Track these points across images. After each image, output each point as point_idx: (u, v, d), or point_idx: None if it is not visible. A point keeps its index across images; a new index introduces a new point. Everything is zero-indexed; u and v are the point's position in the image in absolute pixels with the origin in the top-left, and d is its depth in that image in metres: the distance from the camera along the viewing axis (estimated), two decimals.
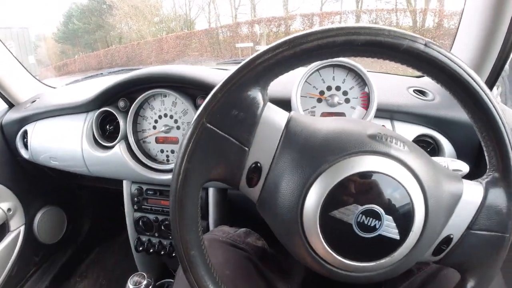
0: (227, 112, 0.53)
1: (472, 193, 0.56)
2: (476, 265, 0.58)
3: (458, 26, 1.08)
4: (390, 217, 0.50)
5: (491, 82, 1.04)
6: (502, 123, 0.52)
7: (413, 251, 0.53)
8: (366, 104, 0.95)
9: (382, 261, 0.53)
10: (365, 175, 0.50)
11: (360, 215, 0.50)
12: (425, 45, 0.49)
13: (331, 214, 0.51)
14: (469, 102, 0.52)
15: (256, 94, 0.54)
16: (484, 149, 0.56)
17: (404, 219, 0.51)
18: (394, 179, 0.50)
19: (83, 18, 17.99)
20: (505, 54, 0.97)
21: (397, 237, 0.51)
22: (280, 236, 0.59)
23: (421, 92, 1.08)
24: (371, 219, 0.50)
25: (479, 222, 0.55)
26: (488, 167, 0.57)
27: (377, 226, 0.50)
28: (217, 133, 0.53)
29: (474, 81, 0.50)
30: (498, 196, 0.55)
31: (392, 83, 1.17)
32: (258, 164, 0.56)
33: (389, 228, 0.51)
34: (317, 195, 0.51)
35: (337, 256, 0.53)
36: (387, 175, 0.50)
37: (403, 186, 0.50)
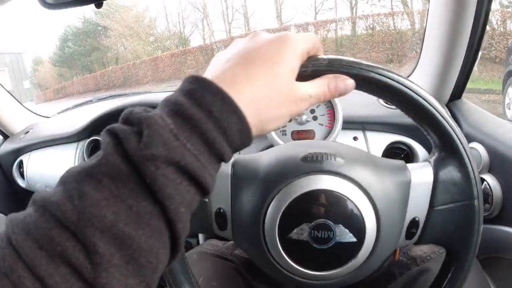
0: None
1: (422, 174, 0.58)
2: (455, 237, 0.59)
3: (420, 53, 1.14)
4: (340, 225, 0.54)
5: (457, 94, 1.10)
6: (430, 103, 0.53)
7: (378, 247, 0.56)
8: (333, 120, 1.02)
9: (350, 263, 0.56)
10: (307, 195, 0.55)
11: (313, 231, 0.55)
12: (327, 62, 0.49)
13: (288, 237, 0.56)
14: (394, 98, 0.54)
15: None
16: (425, 133, 0.58)
17: (353, 222, 0.55)
18: (333, 191, 0.55)
19: (78, 41, 18.05)
20: (468, 66, 1.02)
21: (354, 239, 0.55)
22: (257, 262, 0.65)
23: None
24: (323, 231, 0.54)
25: (439, 198, 0.57)
26: (433, 146, 0.60)
27: (331, 236, 0.54)
28: None
29: (391, 78, 0.51)
30: (449, 169, 0.57)
31: (363, 95, 1.19)
32: (221, 210, 0.60)
33: (343, 234, 0.54)
34: (272, 222, 0.56)
35: (306, 270, 0.57)
36: (325, 190, 0.55)
37: (342, 195, 0.54)
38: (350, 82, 0.49)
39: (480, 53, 1.01)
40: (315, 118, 1.03)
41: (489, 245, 0.64)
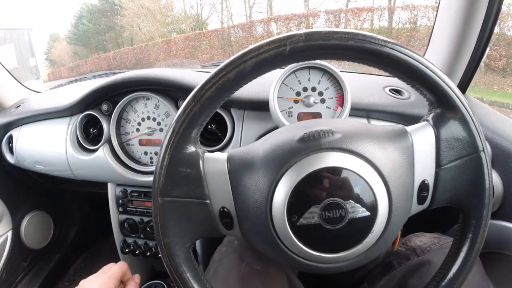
0: (175, 179, 0.59)
1: (423, 135, 0.59)
2: (467, 194, 0.60)
3: (432, 31, 1.12)
4: (350, 201, 0.54)
5: (463, 87, 1.08)
6: (416, 59, 0.54)
7: (392, 216, 0.56)
8: (341, 104, 0.99)
9: (367, 239, 0.56)
10: (310, 176, 0.54)
11: (323, 212, 0.54)
12: (304, 37, 0.53)
13: (299, 223, 0.55)
14: (381, 62, 0.55)
15: (191, 150, 0.60)
16: (419, 93, 0.60)
17: (363, 196, 0.54)
18: (336, 167, 0.54)
19: (93, 19, 18.31)
20: (478, 55, 1.01)
21: (367, 213, 0.54)
22: (271, 256, 0.64)
23: (397, 91, 1.12)
24: (334, 211, 0.53)
25: (444, 157, 0.59)
26: (428, 105, 0.62)
27: (343, 214, 0.54)
28: (177, 201, 0.59)
29: (373, 42, 0.53)
30: (449, 125, 0.58)
31: (369, 82, 1.21)
32: (225, 209, 0.60)
33: (355, 210, 0.54)
34: (279, 211, 0.55)
35: (323, 254, 0.57)
36: (328, 167, 0.54)
37: (347, 169, 0.54)
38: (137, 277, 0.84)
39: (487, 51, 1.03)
40: (323, 101, 1.01)
41: (487, 240, 0.63)
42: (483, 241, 0.61)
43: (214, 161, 0.61)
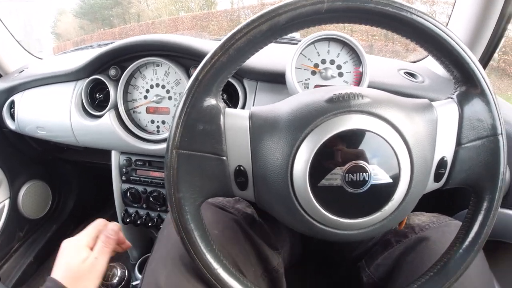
0: (193, 132, 0.59)
1: (447, 112, 0.61)
2: (482, 174, 0.62)
3: (454, 4, 1.12)
4: (375, 165, 0.55)
5: (484, 61, 1.09)
6: (450, 37, 0.55)
7: (412, 187, 0.58)
8: (359, 80, 0.99)
9: (386, 207, 0.57)
10: (337, 137, 0.55)
11: (347, 174, 0.55)
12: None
13: (320, 184, 0.55)
14: (412, 32, 0.57)
15: (212, 104, 0.60)
16: (446, 69, 0.61)
17: (388, 162, 0.55)
18: (365, 130, 0.55)
19: None
20: (498, 34, 1.03)
21: (390, 180, 0.56)
22: (284, 220, 0.65)
23: (411, 75, 1.13)
24: (358, 174, 0.55)
25: (465, 135, 0.61)
26: (454, 82, 0.63)
27: (366, 178, 0.55)
28: (192, 155, 0.59)
29: (408, 11, 0.54)
30: (473, 104, 0.60)
31: (384, 64, 1.22)
32: (241, 168, 0.61)
33: (378, 175, 0.55)
34: (301, 171, 0.56)
35: (341, 219, 0.58)
36: (357, 129, 0.55)
37: (375, 134, 0.55)
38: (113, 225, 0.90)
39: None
40: (340, 74, 1.01)
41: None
42: (493, 224, 0.62)
43: (236, 117, 0.61)
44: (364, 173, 0.54)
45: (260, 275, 0.84)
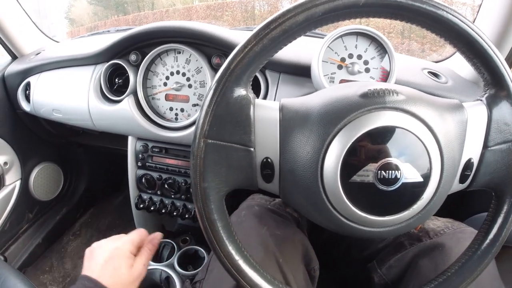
0: (222, 121, 0.58)
1: (477, 114, 0.62)
2: (505, 178, 0.63)
3: (481, 5, 1.12)
4: (408, 164, 0.55)
5: (509, 63, 1.08)
6: (483, 39, 0.56)
7: (440, 187, 0.58)
8: (385, 77, 0.99)
9: (415, 206, 0.58)
10: (372, 133, 0.55)
11: (379, 171, 0.55)
12: None
13: (351, 180, 0.56)
14: (447, 32, 0.57)
15: (242, 94, 0.59)
16: (477, 71, 0.62)
17: (420, 161, 0.56)
18: (399, 127, 0.55)
19: None
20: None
21: (421, 179, 0.56)
22: (309, 215, 0.66)
23: (435, 75, 1.13)
24: (390, 171, 0.55)
25: (492, 138, 0.61)
26: (483, 85, 0.64)
27: (398, 176, 0.55)
28: (220, 145, 0.59)
29: (445, 10, 0.54)
30: (501, 107, 0.61)
31: (408, 62, 1.22)
32: (269, 160, 0.61)
33: (410, 174, 0.56)
34: (332, 166, 0.56)
35: (371, 216, 0.58)
36: (391, 126, 0.55)
37: (410, 132, 0.55)
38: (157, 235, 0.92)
39: None
40: (367, 70, 1.00)
41: None
42: (511, 228, 0.64)
43: (266, 108, 0.61)
44: (396, 171, 0.55)
45: (303, 273, 0.87)
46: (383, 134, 0.55)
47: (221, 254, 0.61)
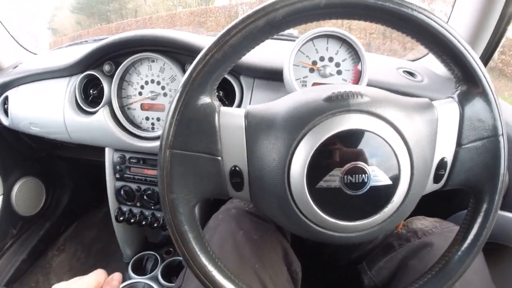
0: (187, 131, 0.57)
1: (447, 111, 0.60)
2: (481, 176, 0.62)
3: (454, 3, 1.12)
4: (375, 167, 0.54)
5: (484, 60, 1.09)
6: (451, 33, 0.55)
7: (412, 189, 0.57)
8: (357, 78, 0.98)
9: (385, 209, 0.56)
10: (336, 137, 0.54)
11: (345, 176, 0.54)
12: None
13: (318, 186, 0.54)
14: (414, 30, 0.56)
15: (207, 102, 0.59)
16: (447, 68, 0.61)
17: (388, 163, 0.55)
18: (365, 130, 0.54)
19: None
20: (499, 34, 1.03)
21: (390, 182, 0.55)
22: (281, 222, 0.65)
23: (410, 74, 1.14)
24: (357, 175, 0.53)
25: (466, 136, 0.60)
26: (455, 82, 0.63)
27: (365, 180, 0.54)
28: (186, 155, 0.58)
29: (410, 8, 0.53)
30: (474, 104, 0.59)
31: (383, 62, 1.23)
32: (237, 168, 0.60)
33: (377, 177, 0.54)
34: (298, 172, 0.55)
35: (340, 221, 0.57)
36: (356, 129, 0.54)
37: (375, 134, 0.54)
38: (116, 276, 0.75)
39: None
40: (339, 72, 1.01)
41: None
42: (492, 226, 0.62)
43: (231, 115, 0.60)
44: (363, 175, 0.54)
45: (285, 276, 0.86)
46: (349, 138, 0.54)
47: (194, 266, 0.60)
